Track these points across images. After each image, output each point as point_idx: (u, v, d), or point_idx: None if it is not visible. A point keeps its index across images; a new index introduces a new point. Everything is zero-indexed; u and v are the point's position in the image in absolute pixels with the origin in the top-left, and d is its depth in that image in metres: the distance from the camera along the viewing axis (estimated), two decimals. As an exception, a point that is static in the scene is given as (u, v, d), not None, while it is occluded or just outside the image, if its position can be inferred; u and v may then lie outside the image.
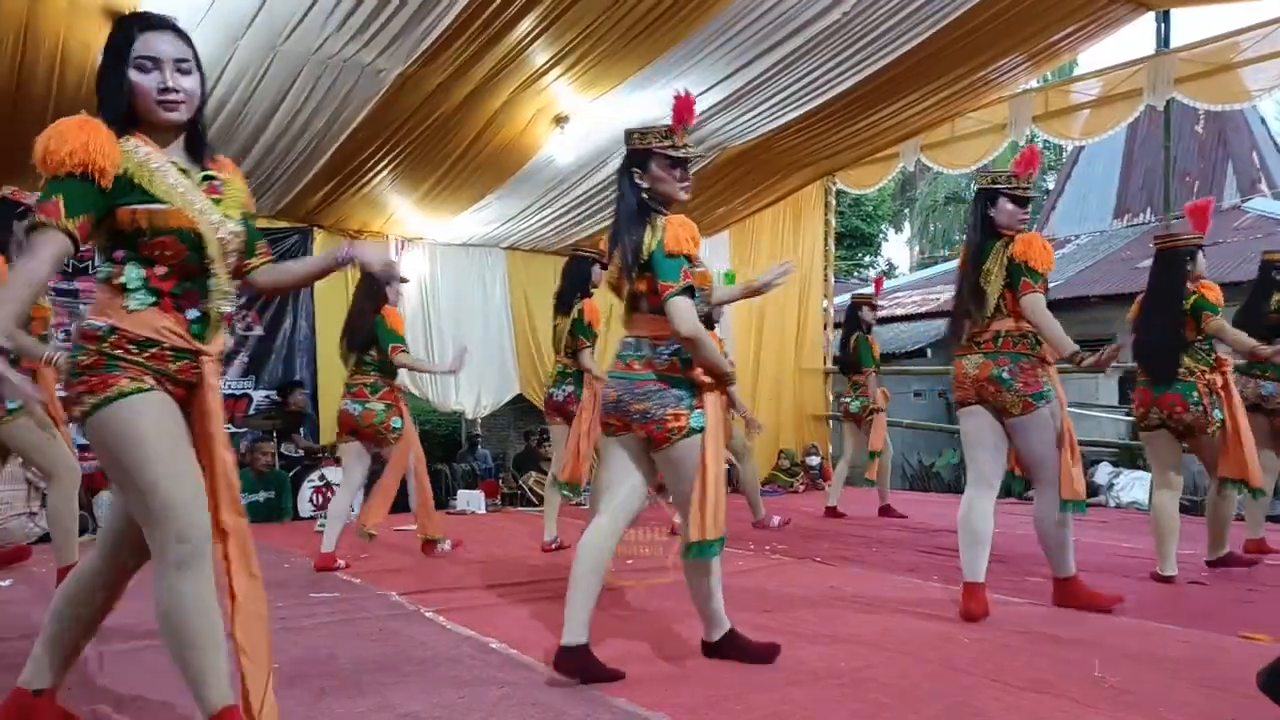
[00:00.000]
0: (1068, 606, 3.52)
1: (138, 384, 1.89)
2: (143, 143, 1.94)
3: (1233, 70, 6.48)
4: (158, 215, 1.90)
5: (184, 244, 1.93)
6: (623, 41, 5.54)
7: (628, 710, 2.38)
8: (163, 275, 1.94)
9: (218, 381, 2.06)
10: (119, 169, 1.87)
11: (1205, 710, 2.27)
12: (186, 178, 1.98)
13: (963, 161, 8.29)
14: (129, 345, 1.91)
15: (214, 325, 2.03)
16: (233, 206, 2.06)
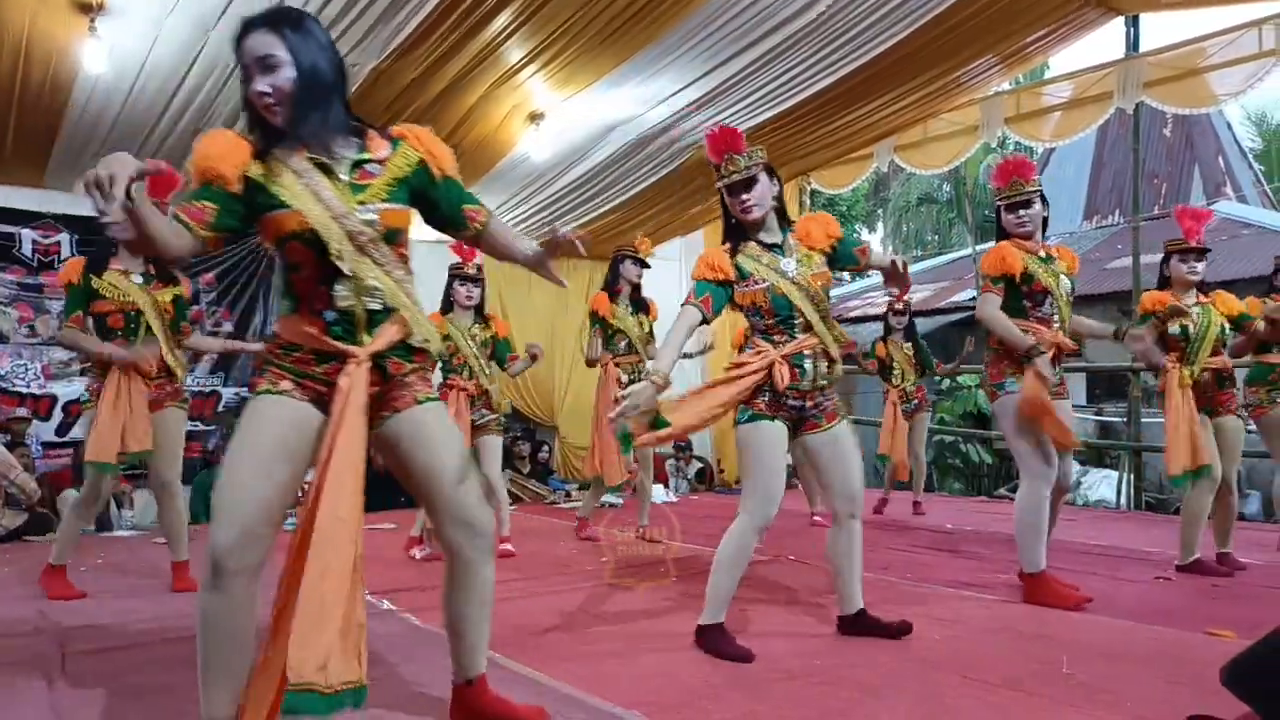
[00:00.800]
0: (1035, 603, 3.55)
1: (270, 386, 1.95)
2: (289, 149, 1.94)
3: (1200, 75, 6.58)
4: (278, 219, 1.92)
5: (306, 246, 1.92)
6: (598, 39, 5.52)
7: (601, 708, 2.37)
8: (302, 277, 1.96)
9: (414, 385, 2.04)
10: (249, 173, 1.90)
11: (1172, 706, 2.30)
12: (326, 174, 1.94)
13: (935, 162, 8.35)
14: (279, 350, 1.98)
15: (362, 325, 1.97)
16: (379, 192, 1.97)
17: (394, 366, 2.02)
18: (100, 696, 2.50)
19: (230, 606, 1.85)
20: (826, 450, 3.00)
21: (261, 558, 1.88)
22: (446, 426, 2.10)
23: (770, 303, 2.92)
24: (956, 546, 5.19)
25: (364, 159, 2.00)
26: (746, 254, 2.97)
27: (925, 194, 18.54)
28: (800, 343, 2.92)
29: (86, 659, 2.89)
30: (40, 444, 6.36)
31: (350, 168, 1.98)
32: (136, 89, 5.28)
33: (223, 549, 1.82)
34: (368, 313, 1.97)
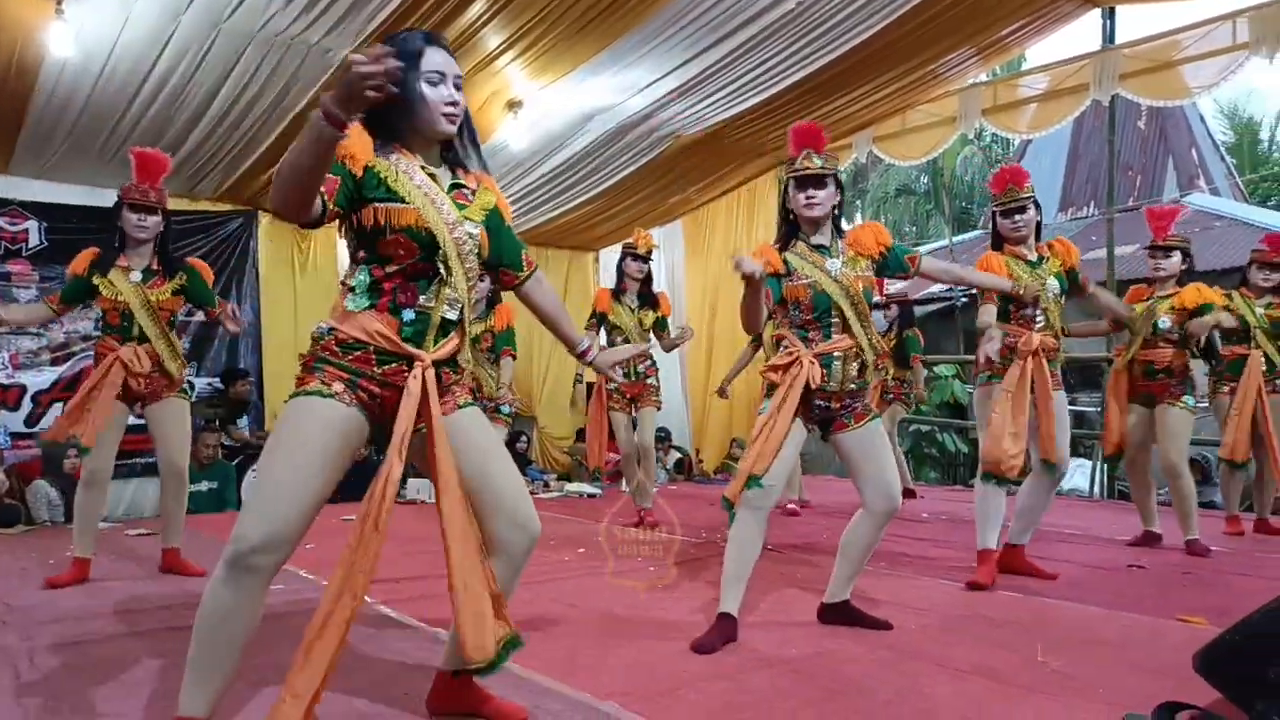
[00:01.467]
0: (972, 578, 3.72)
1: (321, 386, 1.94)
2: (397, 152, 2.01)
3: (1174, 68, 6.62)
4: (394, 212, 1.95)
5: (416, 242, 1.97)
6: (576, 26, 5.48)
7: (577, 699, 2.36)
8: (390, 273, 1.98)
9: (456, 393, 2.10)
10: (370, 163, 1.94)
11: (1145, 692, 2.32)
12: (434, 181, 2.03)
13: (913, 153, 8.37)
14: (336, 347, 1.97)
15: (436, 329, 2.02)
16: (476, 213, 2.10)
17: (445, 376, 2.08)
18: (69, 690, 2.46)
19: (240, 603, 1.85)
20: (855, 449, 3.04)
21: (283, 560, 1.88)
22: (488, 429, 2.18)
23: (811, 299, 2.98)
24: (932, 535, 5.23)
25: (460, 183, 2.12)
26: (795, 251, 3.04)
27: (903, 185, 18.59)
28: (833, 344, 2.98)
29: (54, 652, 2.84)
30: (8, 434, 6.25)
31: (450, 187, 2.08)
32: (105, 73, 5.19)
33: (247, 545, 1.82)
34: (443, 320, 2.04)
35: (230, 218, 7.12)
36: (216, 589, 1.85)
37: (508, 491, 2.11)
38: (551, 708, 2.30)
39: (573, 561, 4.41)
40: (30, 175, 6.29)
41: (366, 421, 2.00)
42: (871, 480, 3.03)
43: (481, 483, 2.07)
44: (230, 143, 6.15)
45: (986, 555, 3.76)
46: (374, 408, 2.00)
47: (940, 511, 6.28)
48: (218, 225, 7.06)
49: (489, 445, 2.14)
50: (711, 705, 2.35)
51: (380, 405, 2.00)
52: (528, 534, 2.12)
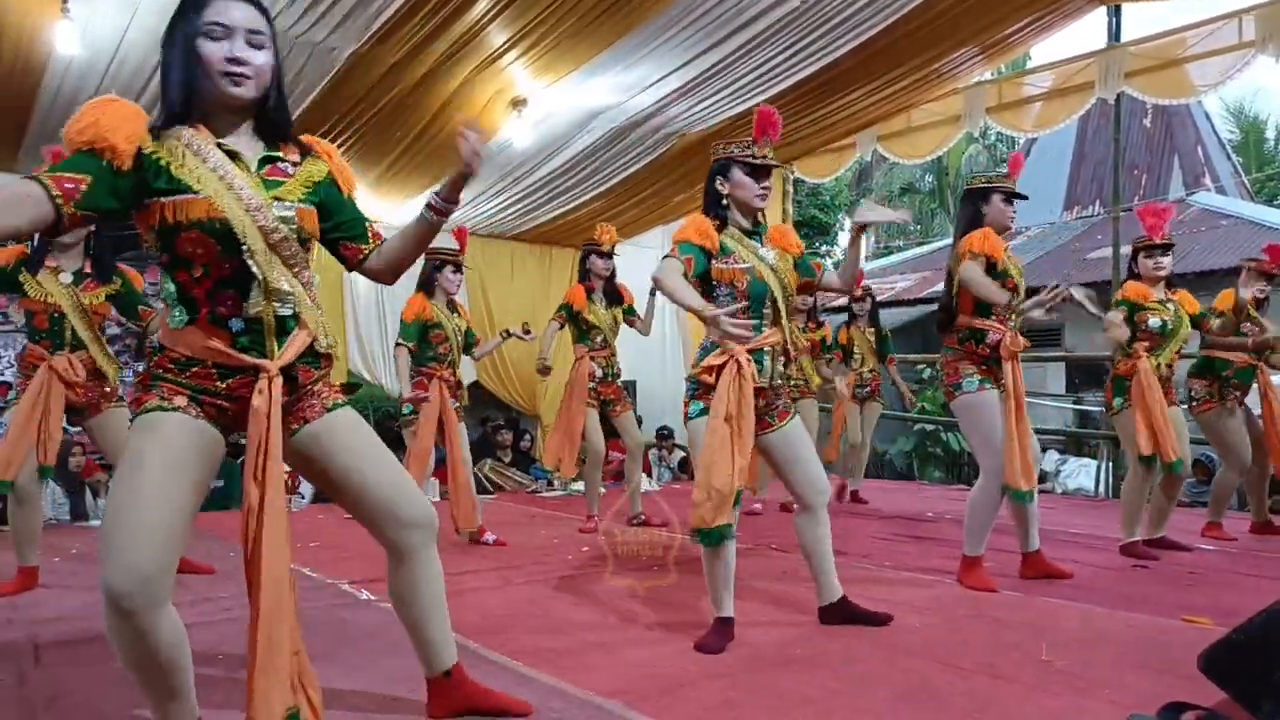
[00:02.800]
0: (962, 582, 3.69)
1: (162, 402, 1.76)
2: (192, 129, 1.77)
3: (1180, 65, 6.60)
4: (181, 206, 1.72)
5: (212, 236, 1.73)
6: (581, 24, 5.47)
7: (580, 697, 2.36)
8: (198, 278, 1.77)
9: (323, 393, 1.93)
10: (145, 150, 1.72)
11: (1150, 692, 2.32)
12: (235, 161, 1.79)
13: (918, 152, 8.35)
14: (170, 364, 1.80)
15: (272, 333, 1.82)
16: (293, 190, 1.85)
17: (304, 375, 1.90)
18: (74, 689, 2.47)
19: (146, 642, 1.67)
20: (783, 448, 3.00)
21: (166, 593, 1.68)
22: (361, 429, 2.00)
23: (748, 285, 2.90)
24: (936, 534, 5.22)
25: (274, 156, 1.87)
26: (729, 235, 2.96)
27: (908, 184, 18.59)
28: (764, 338, 2.91)
29: (58, 650, 2.85)
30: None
31: (260, 162, 1.84)
32: (111, 71, 5.20)
33: (120, 592, 1.62)
34: (278, 319, 1.83)
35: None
36: (116, 635, 1.67)
37: (390, 494, 1.95)
38: (555, 706, 2.30)
39: (576, 560, 4.41)
40: (36, 173, 6.31)
41: (219, 432, 1.84)
42: (801, 477, 3.00)
43: (361, 489, 1.94)
44: (234, 141, 6.16)
45: (977, 562, 3.70)
46: (226, 420, 1.85)
47: (945, 511, 6.27)
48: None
49: (363, 448, 1.97)
50: (714, 703, 2.34)
51: (231, 418, 1.85)
52: (423, 529, 1.99)
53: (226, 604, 3.41)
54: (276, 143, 1.88)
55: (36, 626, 3.13)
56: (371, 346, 7.80)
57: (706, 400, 2.88)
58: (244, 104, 1.81)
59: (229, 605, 3.36)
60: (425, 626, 2.10)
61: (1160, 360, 4.37)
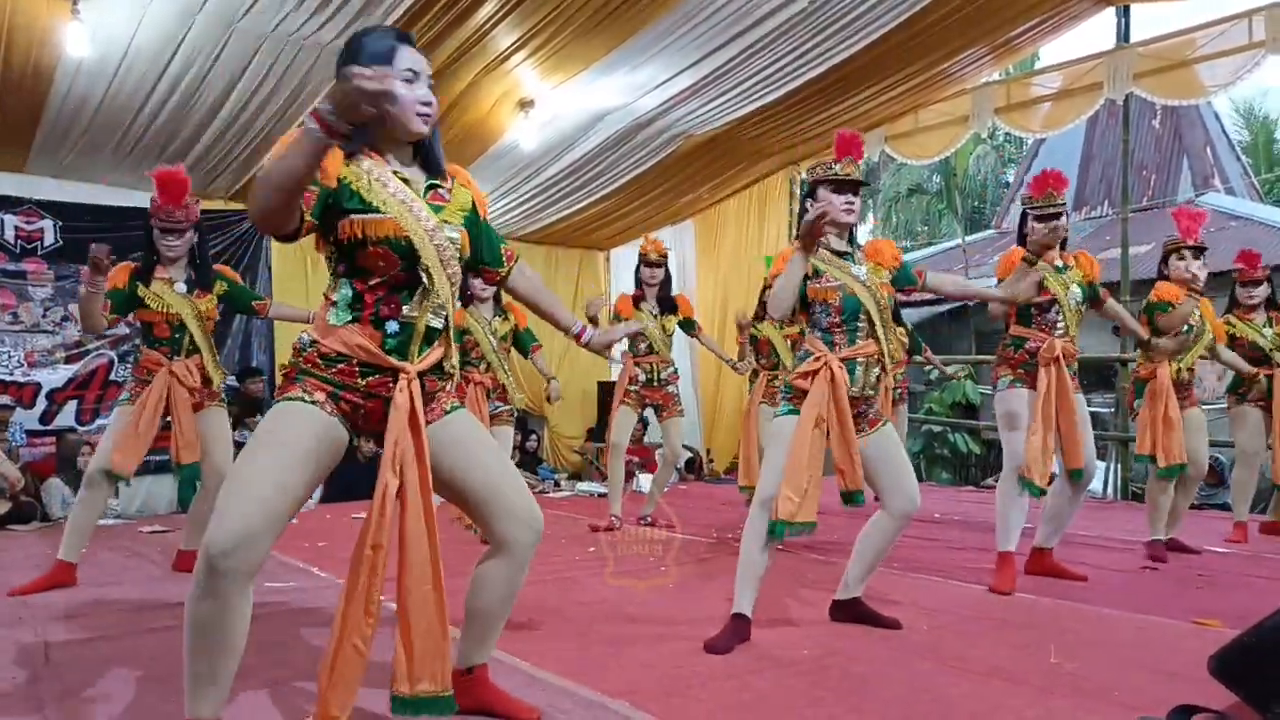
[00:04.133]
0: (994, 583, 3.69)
1: (304, 394, 1.92)
2: (368, 158, 1.96)
3: (1189, 66, 6.57)
4: (371, 224, 1.91)
5: (396, 253, 1.93)
6: (588, 26, 5.48)
7: (589, 698, 2.36)
8: (372, 286, 1.94)
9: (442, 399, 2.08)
10: (341, 174, 1.89)
11: (1159, 696, 2.31)
12: (409, 186, 1.98)
13: (926, 153, 8.34)
14: (318, 359, 1.94)
15: (419, 340, 1.99)
16: (455, 214, 2.06)
17: (430, 384, 2.05)
18: (84, 685, 2.47)
19: (221, 611, 1.79)
20: (875, 454, 3.05)
21: (260, 561, 1.82)
22: (479, 430, 2.17)
23: (841, 301, 2.99)
24: (944, 536, 5.21)
25: (436, 183, 2.07)
26: (820, 256, 3.03)
27: (915, 185, 18.53)
28: (858, 349, 2.99)
29: (70, 648, 2.86)
30: (24, 432, 6.31)
31: (425, 189, 2.04)
32: (120, 73, 5.22)
33: (220, 549, 1.74)
34: (428, 329, 2.01)
35: (243, 217, 7.14)
36: (196, 599, 1.79)
37: (507, 489, 2.09)
38: (563, 706, 2.30)
39: (583, 561, 4.41)
40: (46, 174, 6.35)
41: (347, 432, 1.98)
42: (891, 484, 3.05)
43: (480, 483, 2.07)
44: (243, 143, 6.18)
45: (1008, 559, 3.72)
46: (357, 419, 1.99)
47: (953, 512, 6.26)
48: (231, 225, 7.09)
49: (483, 445, 2.12)
50: (723, 704, 2.34)
51: (364, 416, 1.99)
52: (532, 530, 2.11)
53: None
54: (435, 172, 2.08)
55: (47, 624, 3.14)
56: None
57: (797, 404, 2.97)
58: (420, 138, 2.01)
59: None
60: (483, 619, 2.17)
61: (1182, 364, 4.42)
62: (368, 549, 1.92)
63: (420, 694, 1.96)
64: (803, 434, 2.89)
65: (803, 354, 3.06)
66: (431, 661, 1.96)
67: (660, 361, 5.40)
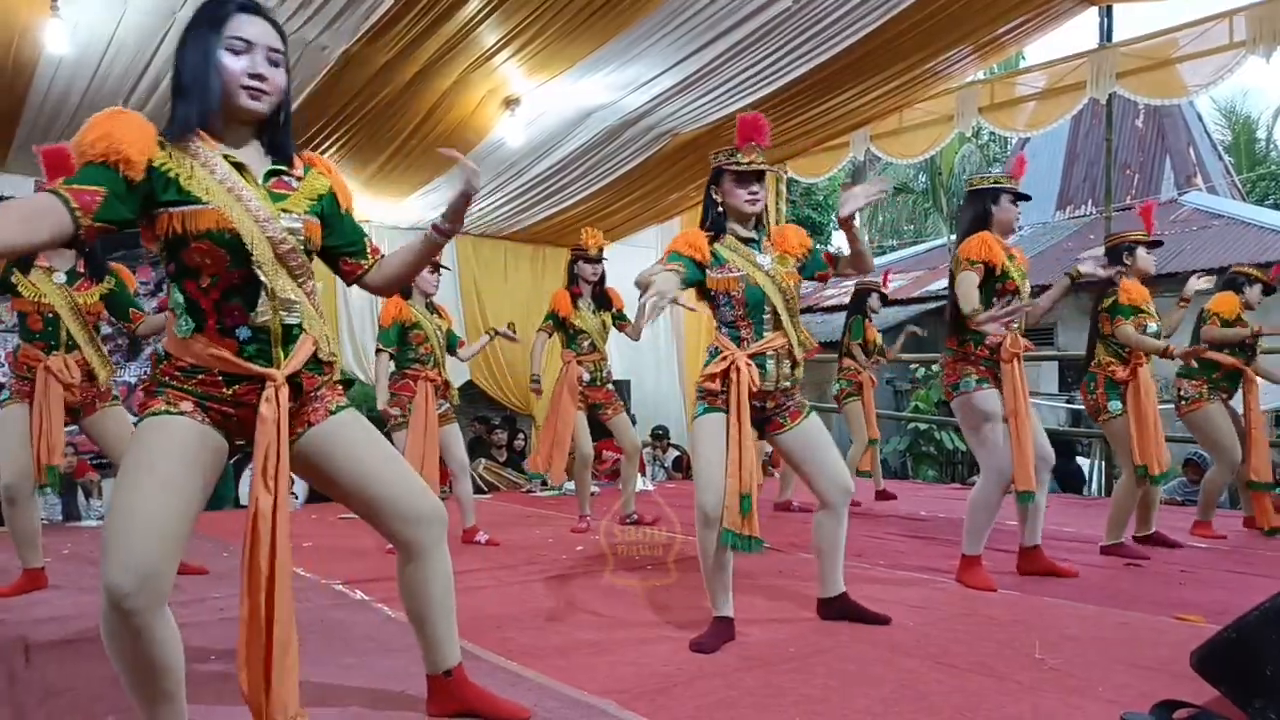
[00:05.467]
0: (961, 582, 3.69)
1: (168, 407, 1.79)
2: (199, 139, 1.80)
3: (1171, 66, 6.62)
4: (190, 216, 1.74)
5: (221, 247, 1.77)
6: (574, 24, 5.47)
7: (575, 697, 2.36)
8: (205, 289, 1.79)
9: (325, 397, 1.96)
10: (154, 162, 1.73)
11: (1142, 690, 2.32)
12: (241, 173, 1.82)
13: (911, 152, 8.36)
14: (177, 373, 1.82)
15: (278, 341, 1.85)
16: (299, 203, 1.90)
17: (307, 382, 1.93)
18: (63, 688, 2.45)
19: (144, 645, 1.67)
20: (799, 446, 3.01)
21: (165, 593, 1.69)
22: (365, 430, 2.03)
23: (743, 292, 2.92)
24: (930, 533, 5.23)
25: (280, 169, 1.91)
26: (724, 244, 2.98)
27: (901, 184, 18.61)
28: (766, 342, 2.92)
29: (49, 650, 2.83)
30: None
31: (266, 175, 1.88)
32: (101, 70, 5.18)
33: (120, 592, 1.62)
34: (284, 328, 1.86)
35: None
36: (109, 637, 1.68)
37: (398, 491, 1.99)
38: (548, 705, 2.29)
39: (570, 560, 4.41)
40: (27, 174, 6.29)
41: (224, 438, 1.87)
42: (820, 474, 3.01)
43: (369, 489, 1.97)
44: (226, 141, 6.14)
45: (976, 561, 3.70)
46: (231, 426, 1.87)
47: (939, 510, 6.29)
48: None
49: (368, 448, 2.00)
50: (710, 702, 2.34)
51: (236, 424, 1.87)
52: (434, 524, 2.02)
53: (219, 604, 3.40)
54: (282, 158, 1.92)
55: (28, 627, 3.11)
56: (365, 347, 7.79)
57: (710, 402, 2.93)
58: (258, 118, 1.85)
59: (222, 606, 3.35)
60: (431, 624, 2.10)
61: None
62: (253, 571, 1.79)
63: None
64: (734, 443, 2.82)
65: (712, 351, 2.99)
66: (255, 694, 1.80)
67: (600, 359, 5.34)
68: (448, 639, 2.13)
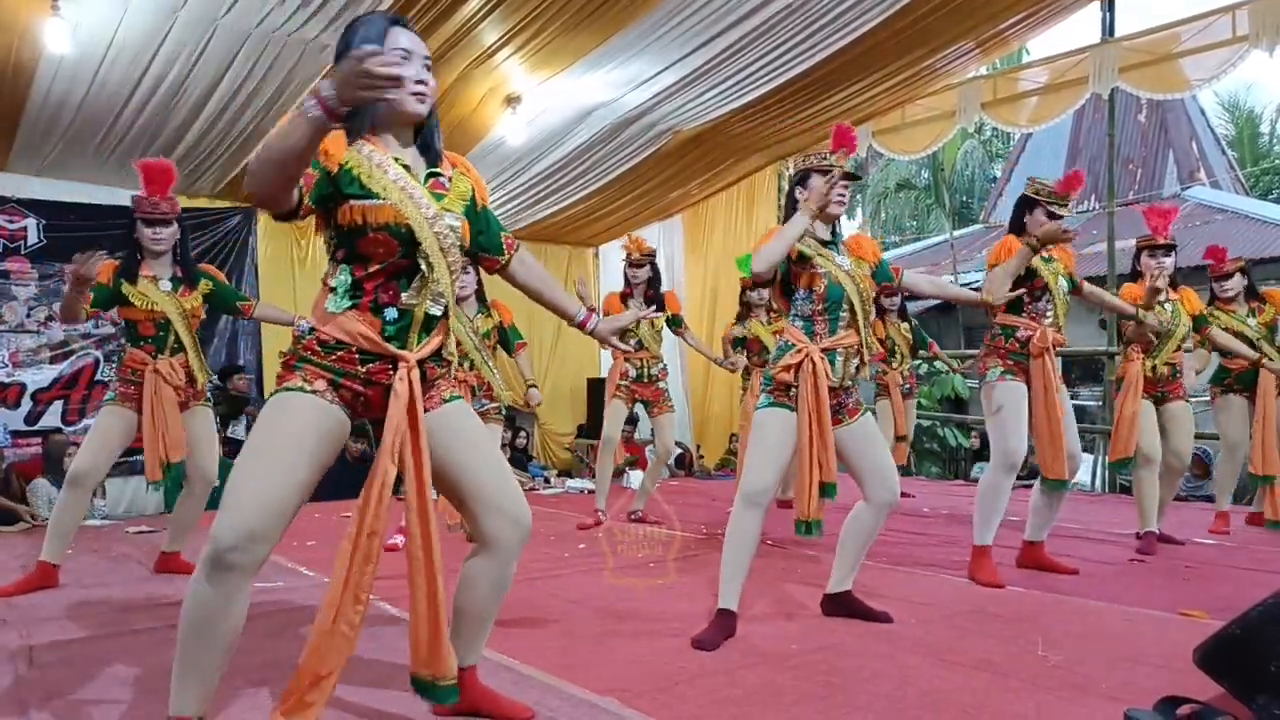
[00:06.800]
0: (971, 575, 3.71)
1: (303, 383, 1.91)
2: (368, 143, 1.95)
3: (1174, 60, 6.61)
4: (372, 210, 1.89)
5: (396, 239, 1.92)
6: (574, 21, 5.47)
7: (577, 695, 2.36)
8: (372, 273, 1.93)
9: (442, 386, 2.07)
10: (343, 160, 1.88)
11: (1146, 687, 2.32)
12: (409, 173, 1.97)
13: (913, 147, 8.36)
14: (317, 346, 1.93)
15: (418, 327, 1.98)
16: (455, 203, 2.05)
17: (430, 371, 2.05)
18: (67, 688, 2.45)
19: (222, 602, 1.80)
20: (855, 443, 3.06)
21: (264, 556, 1.83)
22: (475, 422, 2.15)
23: (825, 289, 3.00)
24: (932, 530, 5.22)
25: (436, 171, 2.06)
26: (805, 243, 3.02)
27: (904, 180, 18.58)
28: (839, 339, 3.01)
29: (53, 650, 2.84)
30: (8, 433, 6.26)
31: (425, 176, 2.03)
32: (102, 70, 5.18)
33: (227, 544, 1.77)
34: (427, 316, 1.99)
35: (229, 214, 7.11)
36: (198, 590, 1.80)
37: (496, 485, 2.07)
38: (551, 704, 2.29)
39: (572, 558, 4.41)
40: (28, 173, 6.30)
41: (348, 419, 1.98)
42: (871, 473, 3.05)
43: (469, 476, 2.05)
44: (228, 139, 6.15)
45: (986, 552, 3.71)
46: (357, 406, 1.98)
47: (942, 506, 6.28)
48: (216, 222, 7.05)
49: (476, 439, 2.10)
50: (712, 700, 2.34)
51: (364, 403, 1.98)
52: (519, 527, 2.09)
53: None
54: (433, 158, 2.07)
55: (31, 626, 3.11)
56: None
57: (778, 397, 2.99)
58: (419, 121, 2.00)
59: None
60: (470, 620, 2.15)
61: (1158, 360, 4.44)
62: (364, 536, 1.92)
63: (420, 676, 2.01)
64: (804, 433, 2.91)
65: (783, 345, 3.06)
66: (427, 649, 1.98)
67: (650, 358, 5.40)
68: (477, 639, 2.18)
